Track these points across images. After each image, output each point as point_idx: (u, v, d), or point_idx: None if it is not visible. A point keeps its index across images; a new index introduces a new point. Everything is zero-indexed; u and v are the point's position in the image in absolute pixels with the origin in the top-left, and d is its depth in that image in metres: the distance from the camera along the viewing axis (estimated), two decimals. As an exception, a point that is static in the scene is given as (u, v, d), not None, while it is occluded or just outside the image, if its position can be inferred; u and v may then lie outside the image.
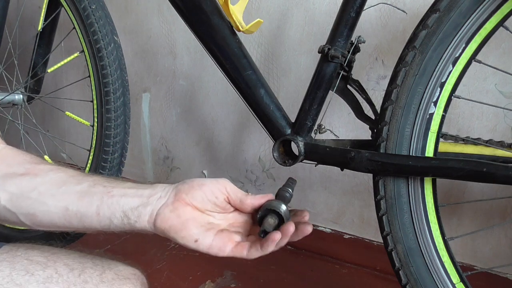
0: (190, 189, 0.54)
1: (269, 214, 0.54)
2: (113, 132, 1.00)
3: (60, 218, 0.56)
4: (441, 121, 0.67)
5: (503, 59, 0.94)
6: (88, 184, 0.56)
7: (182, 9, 0.81)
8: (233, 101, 1.33)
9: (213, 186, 0.54)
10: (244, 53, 0.80)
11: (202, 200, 0.54)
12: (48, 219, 0.56)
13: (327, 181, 1.22)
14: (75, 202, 0.55)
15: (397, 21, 1.04)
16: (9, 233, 1.16)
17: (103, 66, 0.98)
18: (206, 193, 0.54)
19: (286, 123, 0.80)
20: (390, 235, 0.71)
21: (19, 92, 1.20)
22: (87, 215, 0.55)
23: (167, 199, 0.54)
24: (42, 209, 0.55)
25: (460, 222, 1.05)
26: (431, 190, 0.69)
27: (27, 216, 0.56)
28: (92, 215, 0.54)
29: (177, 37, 1.41)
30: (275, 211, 0.53)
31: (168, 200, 0.54)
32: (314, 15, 1.14)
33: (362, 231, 1.19)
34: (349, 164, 0.72)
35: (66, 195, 0.55)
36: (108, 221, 0.54)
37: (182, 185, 0.55)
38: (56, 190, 0.55)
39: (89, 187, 0.56)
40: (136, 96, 1.55)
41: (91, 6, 0.98)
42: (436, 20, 0.64)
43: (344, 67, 0.76)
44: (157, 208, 0.54)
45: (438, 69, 0.65)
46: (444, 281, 0.69)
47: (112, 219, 0.54)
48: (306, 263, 1.21)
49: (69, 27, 1.06)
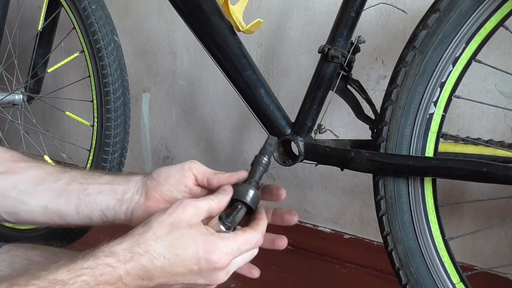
0: (157, 185, 0.54)
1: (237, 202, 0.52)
2: (113, 132, 1.00)
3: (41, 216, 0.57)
4: (441, 121, 0.67)
5: (503, 59, 0.94)
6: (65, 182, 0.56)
7: (182, 9, 0.81)
8: (233, 101, 1.33)
9: (179, 175, 0.54)
10: (244, 53, 0.80)
11: (171, 193, 0.54)
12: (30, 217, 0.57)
13: (327, 181, 1.22)
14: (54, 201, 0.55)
15: (397, 21, 1.04)
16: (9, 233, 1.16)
17: (103, 66, 0.98)
18: (173, 186, 0.54)
19: (286, 123, 0.80)
20: (390, 235, 0.71)
21: (19, 92, 1.19)
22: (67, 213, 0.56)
23: (139, 197, 0.55)
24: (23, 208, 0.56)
25: (460, 222, 1.05)
26: (431, 190, 0.69)
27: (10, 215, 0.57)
28: (71, 213, 0.56)
29: (177, 37, 1.41)
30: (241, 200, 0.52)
31: (140, 199, 0.54)
32: (314, 15, 1.14)
33: (362, 231, 1.19)
34: (349, 164, 0.72)
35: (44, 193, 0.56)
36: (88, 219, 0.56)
37: (150, 182, 0.55)
38: (35, 188, 0.56)
39: (66, 184, 0.56)
40: (136, 96, 1.55)
41: (91, 6, 0.98)
42: (436, 20, 0.64)
43: (344, 67, 0.76)
44: (131, 207, 0.54)
45: (438, 69, 0.65)
46: (444, 281, 0.69)
47: (91, 217, 0.55)
48: (306, 263, 1.21)
49: (69, 27, 1.06)
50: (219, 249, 0.46)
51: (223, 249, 0.46)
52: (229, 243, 0.47)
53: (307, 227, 1.27)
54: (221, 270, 0.47)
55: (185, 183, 0.54)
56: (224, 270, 0.47)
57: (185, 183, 0.54)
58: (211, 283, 0.47)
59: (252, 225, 0.51)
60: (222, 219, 0.49)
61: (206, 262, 0.45)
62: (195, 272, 0.46)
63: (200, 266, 0.45)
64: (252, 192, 0.52)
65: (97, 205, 0.55)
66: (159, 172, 0.55)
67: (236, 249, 0.47)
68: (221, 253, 0.46)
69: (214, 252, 0.45)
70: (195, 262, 0.45)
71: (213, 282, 0.47)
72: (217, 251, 0.45)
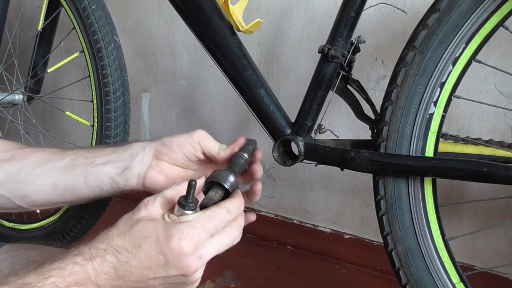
0: (170, 152, 0.56)
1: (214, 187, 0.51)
2: (113, 132, 1.00)
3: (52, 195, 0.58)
4: (441, 121, 0.67)
5: (503, 59, 0.94)
6: (71, 158, 0.58)
7: (182, 9, 0.81)
8: (233, 101, 1.33)
9: (189, 146, 0.57)
10: (244, 53, 0.80)
11: (183, 160, 0.57)
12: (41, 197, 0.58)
13: (327, 181, 1.22)
14: (62, 177, 0.57)
15: (397, 21, 1.04)
16: (9, 233, 1.16)
17: (103, 66, 0.98)
18: (186, 154, 0.57)
19: (286, 123, 0.80)
20: (390, 235, 0.71)
21: (19, 92, 1.19)
22: (77, 187, 0.57)
23: (150, 160, 0.57)
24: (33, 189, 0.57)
25: (460, 222, 1.05)
26: (431, 190, 0.69)
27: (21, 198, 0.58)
28: (81, 186, 0.57)
29: (177, 37, 1.41)
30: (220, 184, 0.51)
31: (152, 162, 0.56)
32: (314, 15, 1.14)
33: (362, 231, 1.19)
34: (349, 164, 0.72)
35: (51, 172, 0.57)
36: (98, 189, 0.57)
37: (162, 147, 0.57)
38: (41, 168, 0.57)
39: (72, 160, 0.58)
40: (136, 96, 1.55)
41: (91, 6, 0.98)
42: (436, 20, 0.64)
43: (344, 67, 0.76)
44: (143, 170, 0.56)
45: (438, 69, 0.65)
46: (444, 281, 0.69)
47: (101, 186, 0.57)
48: (306, 263, 1.21)
49: (69, 27, 1.06)
50: (179, 231, 0.43)
51: (183, 231, 0.43)
52: (190, 223, 0.44)
53: (307, 227, 1.27)
54: (189, 255, 0.43)
55: (196, 154, 0.57)
56: (193, 255, 0.43)
57: (195, 154, 0.57)
58: (185, 273, 0.43)
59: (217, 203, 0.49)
60: (180, 202, 0.46)
61: (168, 249, 0.43)
62: (162, 263, 0.43)
63: (164, 255, 0.43)
64: (233, 178, 0.51)
65: (106, 173, 0.56)
66: (171, 140, 0.57)
67: (200, 228, 0.44)
68: (182, 236, 0.43)
69: (173, 236, 0.43)
70: (159, 251, 0.43)
71: (186, 271, 0.43)
72: (177, 233, 0.43)
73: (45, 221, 1.11)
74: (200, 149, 0.57)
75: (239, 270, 1.13)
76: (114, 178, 0.56)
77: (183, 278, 0.44)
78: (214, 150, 0.57)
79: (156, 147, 0.57)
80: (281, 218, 1.31)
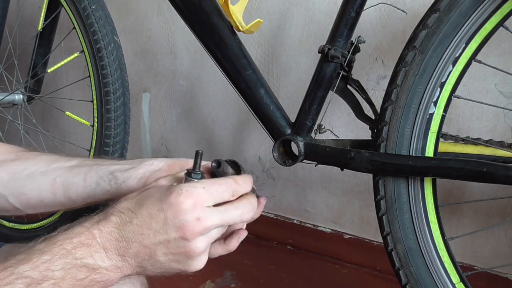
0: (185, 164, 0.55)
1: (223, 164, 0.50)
2: (113, 132, 1.00)
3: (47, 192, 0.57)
4: (441, 121, 0.67)
5: (503, 59, 0.94)
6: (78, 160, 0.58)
7: (182, 9, 0.81)
8: (233, 101, 1.33)
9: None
10: (244, 53, 0.80)
11: None
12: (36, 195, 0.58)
13: (327, 181, 1.22)
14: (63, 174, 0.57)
15: (397, 21, 1.04)
16: (9, 233, 1.16)
17: (103, 66, 0.98)
18: None
19: (286, 123, 0.80)
20: (390, 235, 0.71)
21: (19, 92, 1.20)
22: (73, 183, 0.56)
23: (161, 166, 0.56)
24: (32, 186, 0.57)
25: (460, 222, 1.05)
26: (431, 190, 0.69)
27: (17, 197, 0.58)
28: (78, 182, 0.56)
29: (177, 37, 1.41)
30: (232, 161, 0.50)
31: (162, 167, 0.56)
32: (314, 15, 1.14)
33: (362, 231, 1.19)
34: (349, 164, 0.72)
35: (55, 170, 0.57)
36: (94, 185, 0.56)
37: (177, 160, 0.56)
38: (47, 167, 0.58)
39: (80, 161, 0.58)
40: (136, 96, 1.55)
41: (91, 6, 0.98)
42: (436, 20, 0.64)
43: (344, 67, 0.76)
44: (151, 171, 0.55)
45: (438, 69, 0.65)
46: (444, 281, 0.69)
47: (99, 182, 0.56)
48: (306, 263, 1.21)
49: (69, 27, 1.06)
50: (179, 188, 0.42)
51: (183, 188, 0.42)
52: (192, 183, 0.44)
53: (307, 227, 1.27)
54: (186, 212, 0.42)
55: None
56: (191, 212, 0.42)
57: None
58: (184, 235, 0.42)
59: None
60: (187, 171, 0.45)
61: (167, 204, 0.42)
62: (162, 221, 0.42)
63: (163, 211, 0.42)
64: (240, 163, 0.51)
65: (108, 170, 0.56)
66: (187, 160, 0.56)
67: (201, 189, 0.43)
68: (180, 192, 0.42)
69: (173, 192, 0.42)
70: (159, 208, 0.42)
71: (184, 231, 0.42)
72: (177, 190, 0.42)
73: (45, 221, 1.12)
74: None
75: (239, 270, 1.13)
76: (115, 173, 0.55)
77: (184, 243, 0.43)
78: None
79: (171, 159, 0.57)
80: (281, 218, 1.31)
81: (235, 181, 0.46)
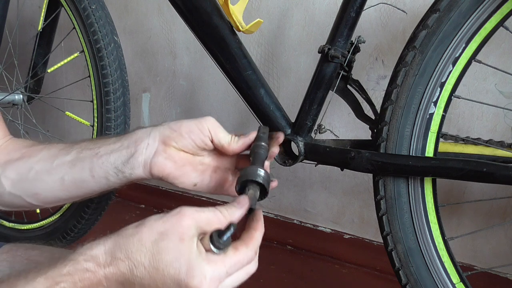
0: (178, 137, 0.54)
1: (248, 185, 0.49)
2: (113, 132, 1.00)
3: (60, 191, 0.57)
4: (441, 121, 0.67)
5: (503, 59, 0.94)
6: (76, 151, 0.57)
7: (182, 9, 0.81)
8: (233, 101, 1.33)
9: (199, 132, 0.54)
10: (244, 53, 0.80)
11: (192, 146, 0.55)
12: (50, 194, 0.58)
13: (327, 181, 1.22)
14: (69, 172, 0.56)
15: (397, 21, 1.04)
16: (9, 233, 1.16)
17: (103, 66, 0.98)
18: (195, 141, 0.55)
19: (286, 123, 0.80)
20: (390, 235, 0.71)
21: (19, 92, 1.19)
22: (83, 180, 0.56)
23: (157, 146, 0.54)
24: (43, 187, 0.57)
25: (460, 222, 1.05)
26: (431, 190, 0.69)
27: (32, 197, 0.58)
28: (87, 179, 0.56)
29: (177, 37, 1.41)
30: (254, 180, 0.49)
31: (158, 147, 0.54)
32: (314, 15, 1.14)
33: (362, 231, 1.19)
34: (349, 164, 0.72)
35: (59, 168, 0.57)
36: (104, 180, 0.56)
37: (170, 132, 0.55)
38: (50, 165, 0.57)
39: (77, 153, 0.57)
40: (136, 96, 1.55)
41: (91, 6, 0.98)
42: (436, 20, 0.64)
43: (344, 67, 0.76)
44: (150, 157, 0.54)
45: (438, 69, 0.65)
46: (444, 281, 0.69)
47: (107, 177, 0.55)
48: (306, 263, 1.21)
49: (69, 27, 1.06)
50: (202, 274, 0.41)
51: (207, 275, 0.41)
52: (216, 268, 0.42)
53: (307, 227, 1.27)
54: None
55: (205, 141, 0.55)
56: None
57: (205, 141, 0.55)
58: None
59: (245, 238, 0.46)
60: (214, 239, 0.43)
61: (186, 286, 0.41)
62: None
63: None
64: (263, 172, 0.49)
65: (111, 164, 0.55)
66: (179, 125, 0.55)
67: (224, 274, 0.43)
68: (204, 280, 0.41)
69: (195, 278, 0.41)
70: (175, 283, 0.41)
71: None
72: (199, 276, 0.41)
73: (45, 221, 1.11)
74: (210, 136, 0.55)
75: (239, 270, 1.13)
76: (119, 167, 0.55)
77: None
78: (225, 141, 0.55)
79: (163, 132, 0.55)
80: (281, 218, 1.31)
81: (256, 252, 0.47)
